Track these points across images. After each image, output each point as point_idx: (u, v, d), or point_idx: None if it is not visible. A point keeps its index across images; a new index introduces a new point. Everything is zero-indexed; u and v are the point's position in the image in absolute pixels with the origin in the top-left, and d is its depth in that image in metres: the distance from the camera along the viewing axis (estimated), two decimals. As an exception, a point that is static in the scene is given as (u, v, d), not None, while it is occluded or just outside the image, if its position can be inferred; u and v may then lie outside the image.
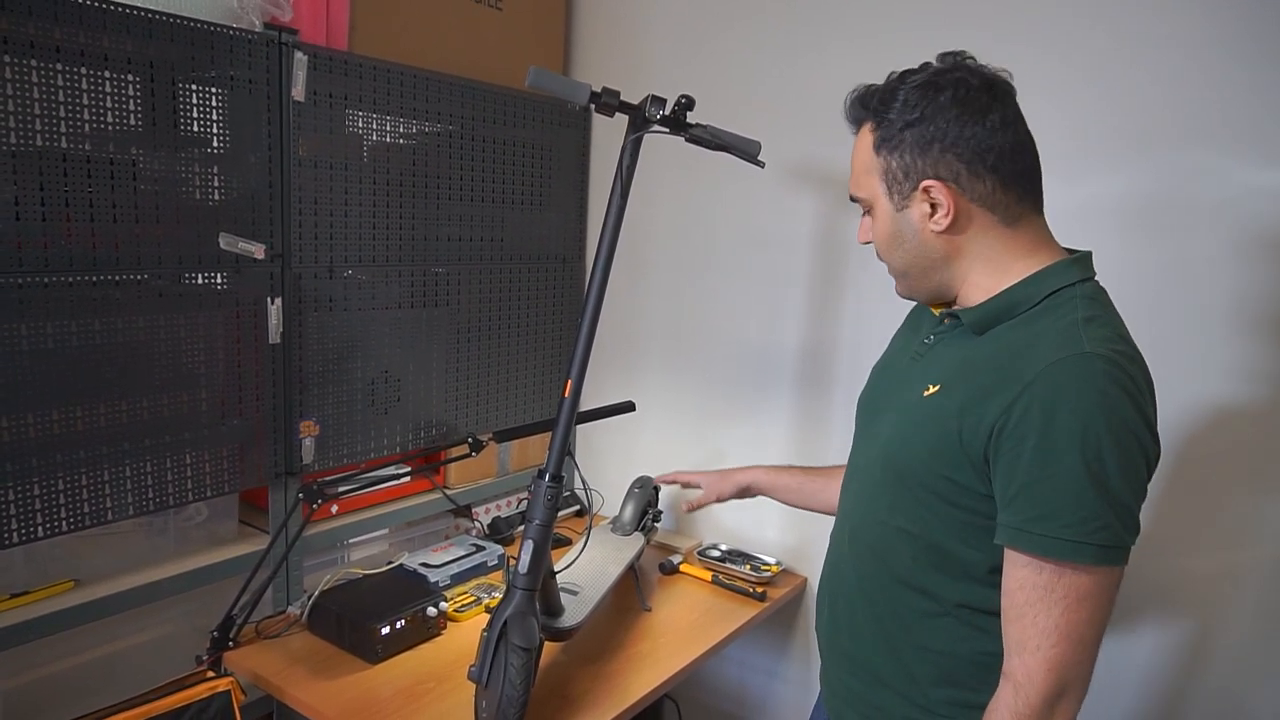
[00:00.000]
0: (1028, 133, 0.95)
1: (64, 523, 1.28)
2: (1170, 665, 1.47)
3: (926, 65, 0.97)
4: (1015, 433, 0.87)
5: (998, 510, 0.91)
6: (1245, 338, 1.36)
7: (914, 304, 1.16)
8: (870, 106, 0.98)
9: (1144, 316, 1.40)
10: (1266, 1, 1.31)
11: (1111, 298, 0.98)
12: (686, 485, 1.65)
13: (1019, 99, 0.95)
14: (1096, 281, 0.98)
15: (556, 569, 1.43)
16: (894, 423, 1.03)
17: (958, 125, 0.92)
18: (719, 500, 1.56)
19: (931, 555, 0.98)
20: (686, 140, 1.34)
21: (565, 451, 1.27)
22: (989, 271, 0.97)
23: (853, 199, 1.04)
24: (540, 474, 1.25)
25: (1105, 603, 0.87)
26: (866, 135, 0.99)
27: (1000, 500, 0.90)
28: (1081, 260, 0.97)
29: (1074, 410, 0.84)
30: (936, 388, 0.98)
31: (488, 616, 1.25)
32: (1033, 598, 0.88)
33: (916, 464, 0.97)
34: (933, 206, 0.95)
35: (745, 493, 1.55)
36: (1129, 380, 0.86)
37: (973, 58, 0.96)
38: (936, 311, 1.07)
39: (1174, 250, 1.41)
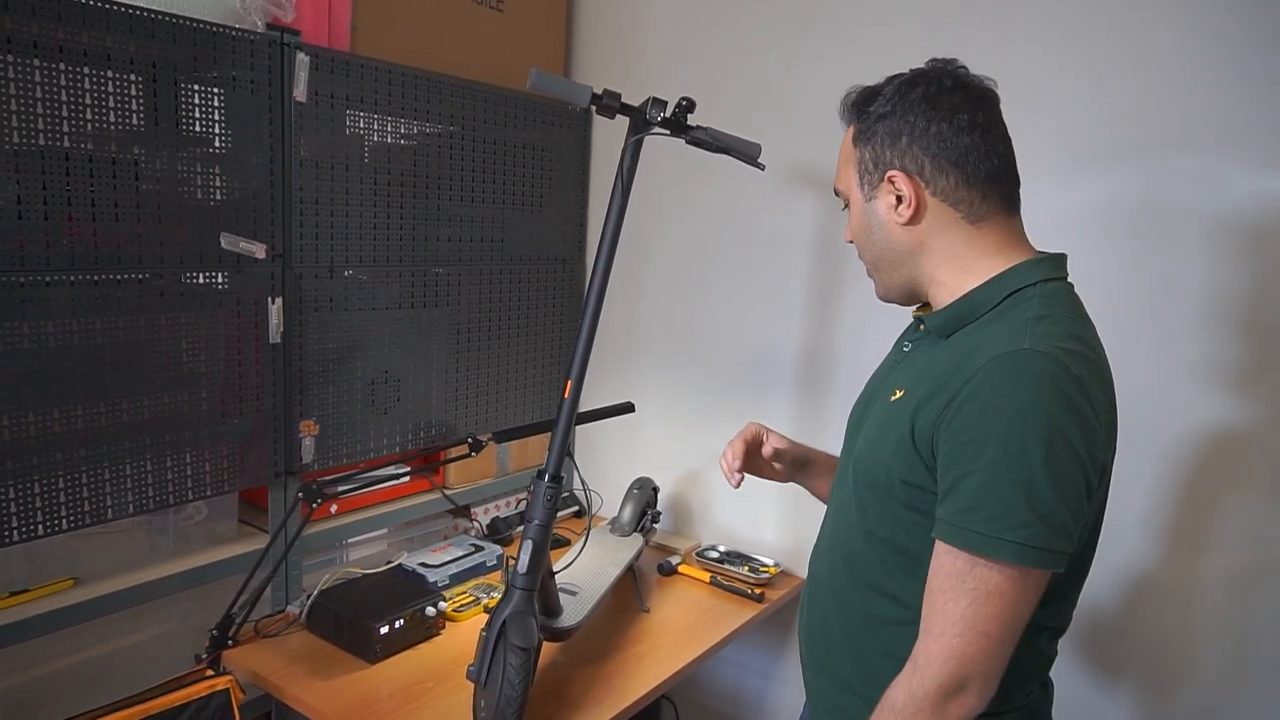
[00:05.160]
0: (1002, 138, 0.96)
1: (64, 521, 1.28)
2: (1160, 668, 1.48)
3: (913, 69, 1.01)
4: (951, 428, 0.87)
5: None
6: (1240, 343, 1.36)
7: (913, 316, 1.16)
8: (855, 104, 1.04)
9: (1136, 321, 1.42)
10: (1260, 7, 1.31)
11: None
12: (769, 446, 1.34)
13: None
14: (1064, 282, 0.97)
15: (555, 569, 1.43)
16: (866, 430, 1.05)
17: (925, 120, 0.95)
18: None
19: (900, 559, 0.98)
20: (687, 142, 1.35)
21: (565, 452, 1.27)
22: (954, 270, 0.98)
23: (836, 193, 1.09)
24: (540, 474, 1.26)
25: (1019, 604, 0.86)
26: (849, 131, 1.05)
27: (940, 497, 0.90)
28: (1048, 261, 0.97)
29: (1004, 406, 0.84)
30: (901, 393, 0.99)
31: (486, 616, 1.26)
32: (945, 585, 0.87)
33: (881, 469, 0.98)
34: (898, 198, 0.98)
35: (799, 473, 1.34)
36: (1070, 380, 0.84)
37: (964, 66, 0.98)
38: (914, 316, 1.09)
39: (1165, 255, 1.41)
